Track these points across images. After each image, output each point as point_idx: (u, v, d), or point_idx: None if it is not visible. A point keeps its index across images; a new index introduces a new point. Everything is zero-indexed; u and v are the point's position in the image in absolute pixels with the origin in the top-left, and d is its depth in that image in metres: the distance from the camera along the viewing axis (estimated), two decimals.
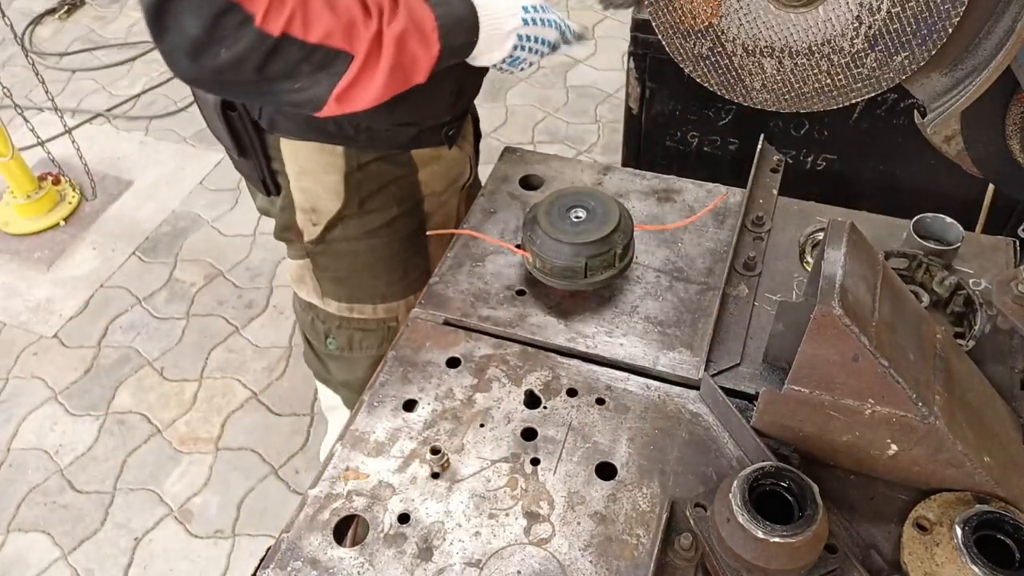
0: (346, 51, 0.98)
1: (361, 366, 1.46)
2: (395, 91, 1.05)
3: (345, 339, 1.44)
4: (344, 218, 1.30)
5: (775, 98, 0.79)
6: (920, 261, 1.13)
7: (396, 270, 1.38)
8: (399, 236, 1.35)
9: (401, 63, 1.02)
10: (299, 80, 0.98)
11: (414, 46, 1.03)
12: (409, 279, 1.40)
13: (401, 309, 1.43)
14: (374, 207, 1.30)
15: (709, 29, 0.76)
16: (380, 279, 1.38)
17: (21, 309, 2.78)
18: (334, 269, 1.37)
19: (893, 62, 0.72)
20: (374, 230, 1.32)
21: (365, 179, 1.28)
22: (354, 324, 1.42)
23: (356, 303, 1.40)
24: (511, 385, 1.05)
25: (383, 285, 1.39)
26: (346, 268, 1.37)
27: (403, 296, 1.41)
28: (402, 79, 1.05)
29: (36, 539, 2.18)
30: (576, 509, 0.91)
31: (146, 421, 2.44)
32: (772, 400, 0.90)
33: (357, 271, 1.37)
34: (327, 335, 1.45)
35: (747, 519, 0.76)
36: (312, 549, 0.88)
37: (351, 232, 1.32)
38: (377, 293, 1.39)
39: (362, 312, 1.41)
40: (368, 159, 1.26)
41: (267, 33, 0.92)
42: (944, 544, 0.83)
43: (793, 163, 2.14)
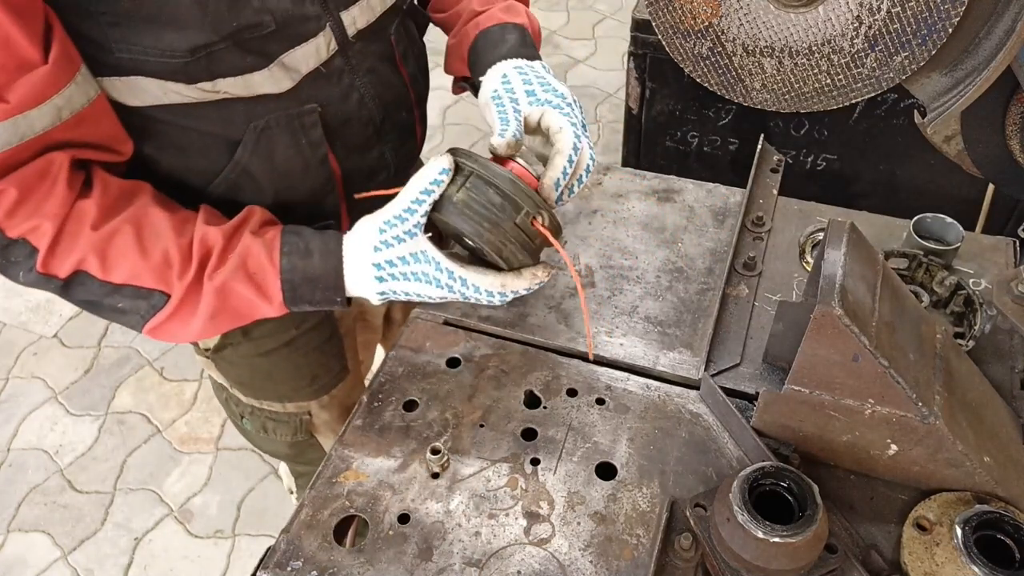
0: (160, 290, 0.89)
1: (279, 445, 1.38)
2: (228, 328, 0.95)
3: (259, 424, 1.34)
4: (230, 345, 1.20)
5: (775, 98, 0.79)
6: (920, 261, 1.13)
7: (302, 378, 1.28)
8: (301, 352, 1.24)
9: (225, 309, 0.91)
10: (116, 303, 0.89)
11: (246, 293, 0.90)
12: (318, 383, 1.30)
13: (312, 407, 1.32)
14: (264, 334, 1.19)
15: (709, 29, 0.76)
16: (285, 385, 1.28)
17: (21, 309, 2.78)
18: (234, 375, 1.27)
19: (893, 62, 0.72)
20: (269, 351, 1.21)
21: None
22: (265, 414, 1.32)
23: (264, 400, 1.30)
24: (511, 385, 1.05)
25: (289, 390, 1.29)
26: (246, 375, 1.26)
27: (313, 398, 1.31)
28: (232, 321, 0.93)
29: (36, 539, 2.18)
30: (576, 509, 0.91)
31: (146, 421, 2.44)
32: (772, 400, 0.90)
33: (257, 379, 1.27)
34: (241, 416, 1.36)
35: (747, 519, 0.76)
36: (312, 549, 0.88)
37: (243, 353, 1.21)
38: (284, 395, 1.29)
39: (271, 406, 1.31)
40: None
41: (51, 274, 0.86)
42: (944, 544, 0.83)
43: (793, 163, 2.14)
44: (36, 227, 0.83)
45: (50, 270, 0.86)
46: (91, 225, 0.86)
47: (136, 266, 0.87)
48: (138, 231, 0.88)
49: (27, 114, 0.79)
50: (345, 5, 0.98)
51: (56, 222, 0.84)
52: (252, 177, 1.00)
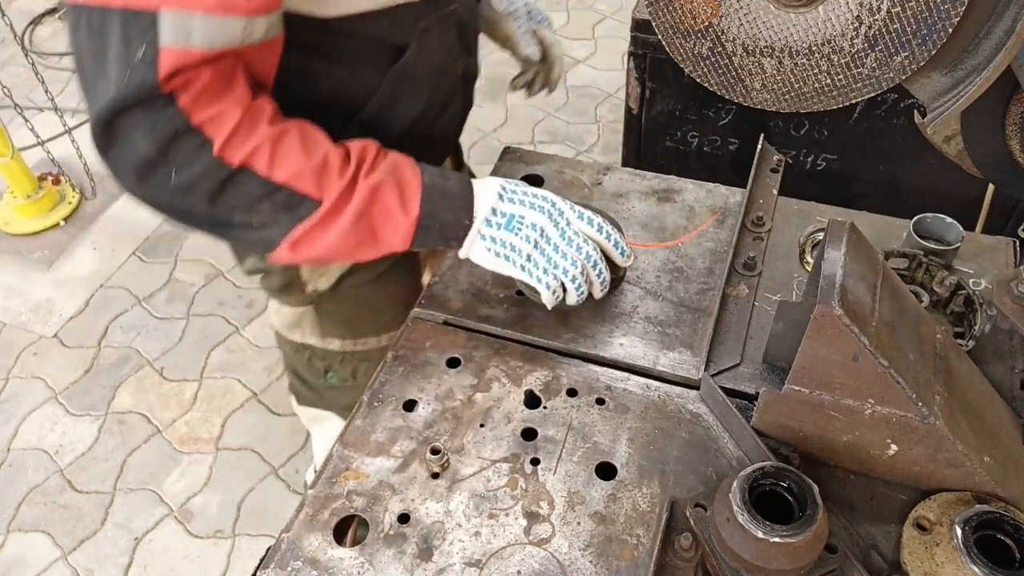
0: (313, 196, 0.92)
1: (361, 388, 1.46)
2: (357, 244, 0.97)
3: (349, 371, 1.45)
4: (356, 269, 1.32)
5: (775, 98, 0.79)
6: (920, 261, 1.13)
7: (400, 304, 1.38)
8: (402, 271, 1.38)
9: (370, 213, 0.95)
10: (256, 216, 0.92)
11: (390, 201, 0.96)
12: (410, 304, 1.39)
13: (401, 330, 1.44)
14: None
15: (709, 29, 0.76)
16: (385, 314, 1.40)
17: (21, 309, 2.78)
18: (339, 312, 1.38)
19: (893, 62, 0.72)
20: (381, 274, 1.35)
21: None
22: (358, 356, 1.43)
23: (361, 338, 1.42)
24: (511, 385, 1.05)
25: (388, 319, 1.40)
26: (352, 311, 1.38)
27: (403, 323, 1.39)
28: (367, 232, 0.97)
29: (36, 539, 2.18)
30: (576, 509, 0.91)
31: (146, 421, 2.44)
32: (772, 400, 0.90)
33: (363, 311, 1.39)
34: (327, 370, 1.45)
35: (747, 519, 0.76)
36: (312, 549, 0.88)
37: (360, 280, 1.34)
38: (382, 326, 1.41)
39: (366, 344, 1.42)
40: None
41: (225, 162, 0.87)
42: (944, 544, 0.83)
43: (793, 163, 2.14)
44: (220, 113, 0.87)
45: (226, 156, 0.88)
46: (267, 120, 0.91)
47: (299, 165, 0.91)
48: (303, 135, 0.93)
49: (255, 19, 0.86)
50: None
51: (240, 109, 0.88)
52: (412, 80, 1.11)
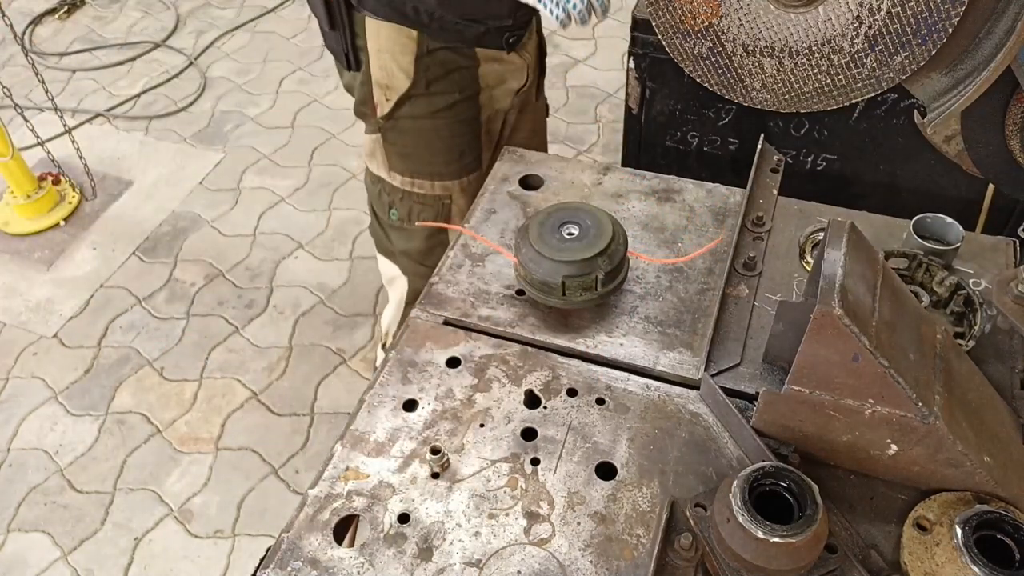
0: None
1: (417, 237, 1.64)
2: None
3: (406, 210, 1.61)
4: (412, 97, 1.45)
5: (775, 98, 0.79)
6: (920, 261, 1.13)
7: (453, 151, 1.54)
8: (457, 120, 1.51)
9: None
10: None
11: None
12: (463, 161, 1.57)
13: (455, 188, 1.59)
14: (438, 90, 1.46)
15: (709, 29, 0.76)
16: (439, 157, 1.54)
17: (21, 309, 2.78)
18: (400, 144, 1.53)
19: (893, 62, 0.72)
20: (437, 111, 1.47)
21: (433, 63, 1.43)
22: (414, 198, 1.59)
23: (417, 178, 1.56)
24: (511, 385, 1.05)
25: (441, 163, 1.55)
26: (411, 144, 1.53)
27: (457, 176, 1.58)
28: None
29: (36, 539, 2.18)
30: (576, 509, 0.91)
31: (146, 421, 2.44)
32: (772, 400, 0.90)
33: (420, 148, 1.53)
34: (391, 206, 1.62)
35: (747, 519, 0.76)
36: (312, 549, 0.88)
37: (417, 111, 1.47)
38: (435, 170, 1.55)
39: (421, 187, 1.57)
40: (437, 46, 1.41)
41: None
42: (944, 544, 0.83)
43: (793, 163, 2.14)
44: None
45: None
46: None
47: None
48: None
49: None
50: None
51: None
52: None
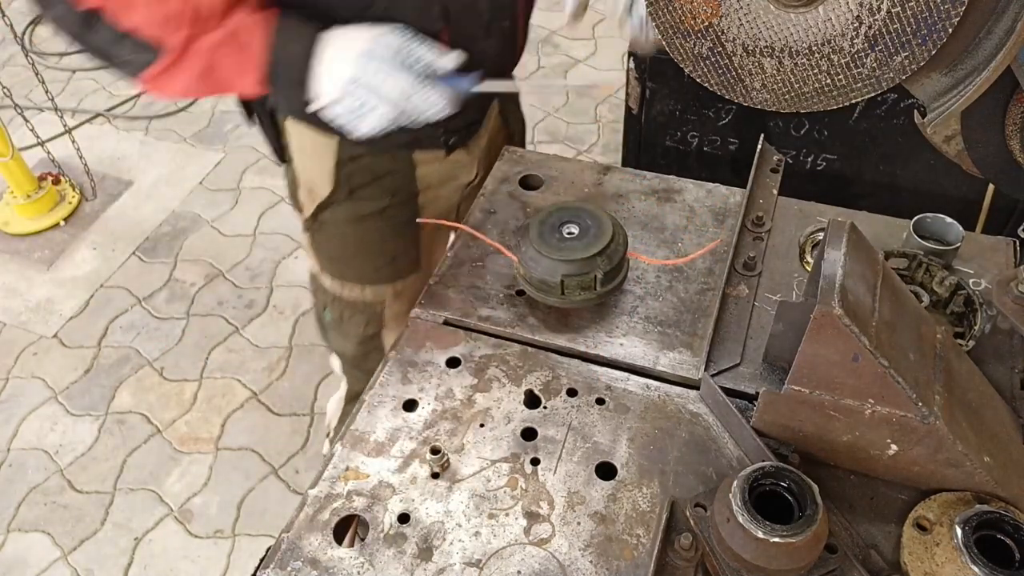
0: (155, 45, 0.99)
1: (351, 341, 1.52)
2: (209, 94, 1.07)
3: (338, 313, 1.49)
4: (333, 203, 1.34)
5: (775, 98, 0.79)
6: (920, 261, 1.13)
7: (384, 255, 1.41)
8: (389, 225, 1.38)
9: (210, 74, 1.02)
10: (117, 54, 1.00)
11: (227, 63, 1.02)
12: (396, 266, 1.43)
13: (388, 294, 1.46)
14: (364, 196, 1.33)
15: (709, 29, 0.76)
16: (368, 263, 1.42)
17: (21, 309, 2.78)
18: (327, 247, 1.42)
19: (893, 62, 0.72)
20: (363, 217, 1.35)
21: (356, 170, 1.31)
22: (344, 302, 1.47)
23: (346, 282, 1.44)
24: (511, 385, 1.05)
25: (371, 269, 1.42)
26: (337, 248, 1.41)
27: (389, 281, 1.44)
28: (213, 87, 1.05)
29: (36, 539, 2.18)
30: (576, 509, 0.91)
31: (146, 421, 2.44)
32: (772, 400, 0.90)
33: (347, 252, 1.41)
34: (325, 306, 1.51)
35: (747, 519, 0.76)
36: (312, 549, 0.88)
37: (340, 216, 1.35)
38: (365, 276, 1.43)
39: (351, 292, 1.45)
40: (361, 152, 1.28)
41: (75, 5, 0.96)
42: (944, 544, 0.83)
43: (793, 163, 2.14)
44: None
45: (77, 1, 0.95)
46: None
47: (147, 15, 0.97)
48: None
49: None
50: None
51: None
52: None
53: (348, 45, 1.03)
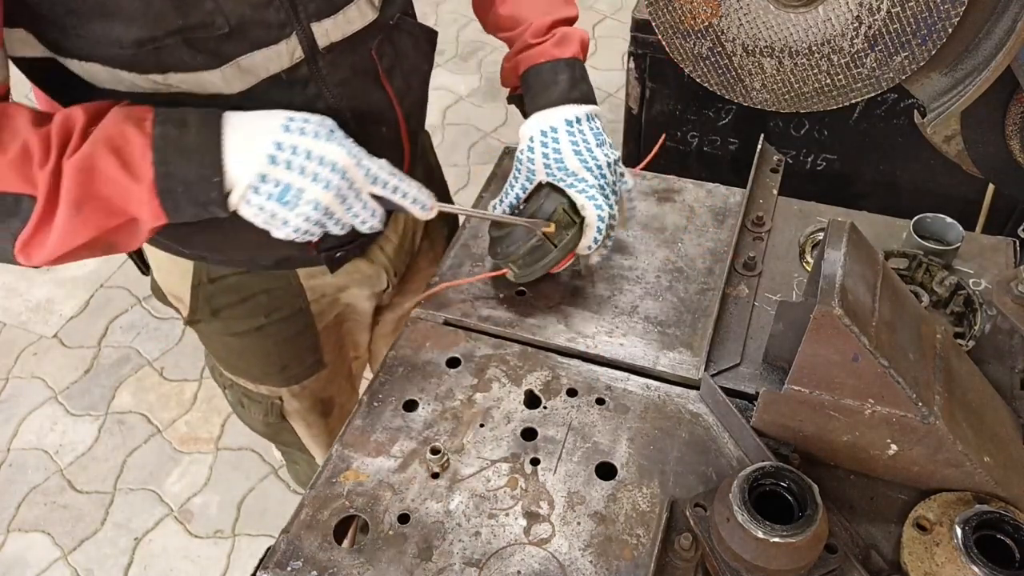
0: (25, 193, 0.79)
1: (255, 422, 1.40)
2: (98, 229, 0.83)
3: (236, 397, 1.37)
4: (200, 320, 1.21)
5: (775, 98, 0.79)
6: (920, 261, 1.13)
7: (273, 364, 1.26)
8: (272, 340, 1.22)
9: (91, 196, 0.81)
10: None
11: (110, 171, 0.80)
12: (289, 373, 1.29)
13: (284, 393, 1.32)
14: (232, 316, 1.19)
15: (709, 29, 0.76)
16: (256, 368, 1.28)
17: (21, 309, 2.78)
18: (211, 348, 1.29)
19: (893, 62, 0.72)
20: (238, 333, 1.21)
21: (218, 292, 1.16)
22: (240, 389, 1.34)
23: (236, 376, 1.32)
24: (511, 385, 1.05)
25: (260, 373, 1.29)
26: (221, 351, 1.28)
27: (284, 385, 1.31)
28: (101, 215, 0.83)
29: (36, 539, 2.18)
30: (576, 509, 0.91)
31: (146, 421, 2.44)
32: (772, 400, 0.90)
33: (231, 356, 1.28)
34: (224, 387, 1.38)
35: (747, 519, 0.76)
36: (312, 549, 0.88)
37: (214, 329, 1.22)
38: (255, 376, 1.30)
39: (246, 384, 1.32)
40: (224, 273, 1.14)
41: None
42: (944, 544, 0.83)
43: (793, 163, 2.14)
44: None
45: None
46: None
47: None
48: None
49: None
50: (318, 17, 0.92)
51: None
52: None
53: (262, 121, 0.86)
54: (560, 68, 1.13)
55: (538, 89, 1.14)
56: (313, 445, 1.44)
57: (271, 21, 0.89)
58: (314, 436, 1.42)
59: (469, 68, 3.70)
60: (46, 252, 0.83)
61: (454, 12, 4.02)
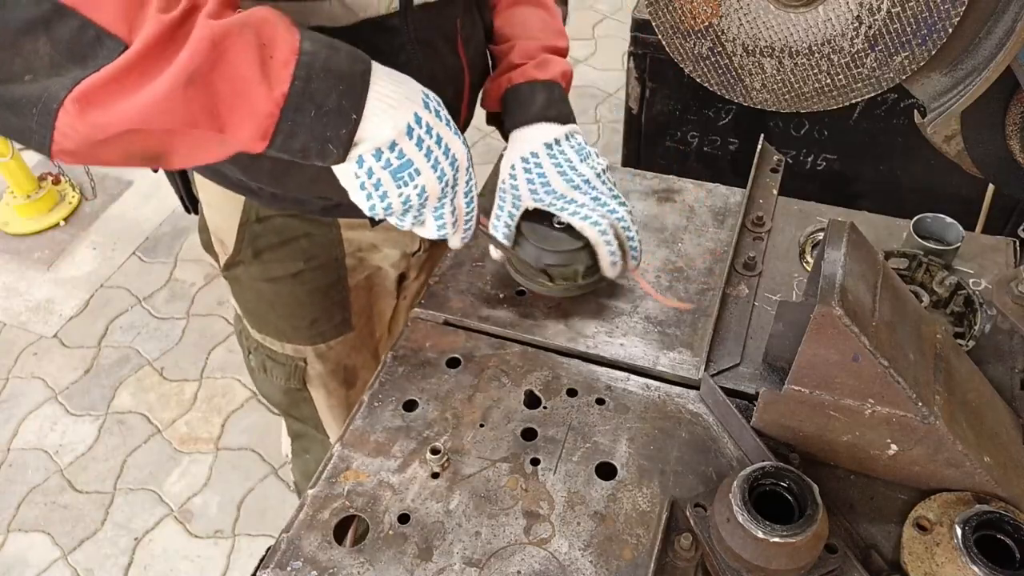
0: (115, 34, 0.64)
1: (275, 389, 1.41)
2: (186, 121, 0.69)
3: (260, 362, 1.37)
4: (240, 263, 1.21)
5: (775, 98, 0.79)
6: (920, 261, 1.13)
7: (303, 317, 1.27)
8: (304, 289, 1.23)
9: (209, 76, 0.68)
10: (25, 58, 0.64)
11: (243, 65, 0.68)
12: (317, 329, 1.29)
13: (309, 353, 1.33)
14: (272, 259, 1.20)
15: (709, 29, 0.76)
16: (285, 321, 1.28)
17: (21, 309, 2.78)
18: (243, 299, 1.30)
19: (893, 62, 0.72)
20: (275, 279, 1.22)
21: (264, 231, 1.17)
22: (265, 351, 1.35)
23: (265, 335, 1.32)
24: (511, 385, 1.05)
25: (289, 328, 1.29)
26: (252, 302, 1.29)
27: (310, 343, 1.31)
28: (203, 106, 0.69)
29: (36, 539, 2.18)
30: (576, 509, 0.91)
31: (146, 421, 2.44)
32: (772, 400, 0.90)
33: (261, 307, 1.29)
34: (249, 351, 1.40)
35: (747, 519, 0.76)
36: (312, 549, 0.88)
37: (251, 274, 1.23)
38: (283, 333, 1.30)
39: (272, 344, 1.33)
40: (271, 213, 1.15)
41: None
42: (944, 544, 0.83)
43: (793, 163, 2.14)
44: None
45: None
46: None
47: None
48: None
49: None
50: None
51: None
52: None
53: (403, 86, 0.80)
54: (538, 88, 1.13)
55: (515, 107, 1.14)
56: (330, 419, 1.45)
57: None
58: (332, 408, 1.43)
59: None
60: (106, 116, 0.66)
61: None
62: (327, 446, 1.51)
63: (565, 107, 1.13)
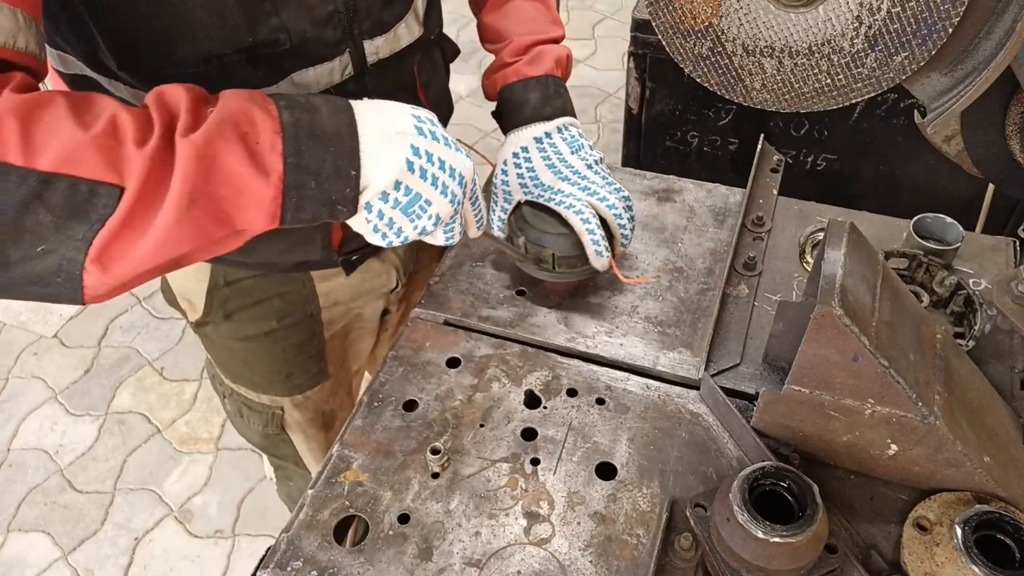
0: (105, 181, 0.63)
1: (253, 432, 1.38)
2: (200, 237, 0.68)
3: (235, 407, 1.34)
4: (210, 323, 1.18)
5: (775, 98, 0.79)
6: (920, 261, 1.13)
7: (277, 372, 1.24)
8: (279, 346, 1.20)
9: (207, 189, 0.67)
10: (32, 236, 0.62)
11: (234, 165, 0.67)
12: (293, 382, 1.27)
13: (286, 403, 1.30)
14: (245, 318, 1.17)
15: (709, 29, 0.76)
16: (260, 376, 1.25)
17: (21, 309, 2.78)
18: (215, 353, 1.27)
19: (893, 62, 0.72)
20: (248, 337, 1.19)
21: (233, 295, 1.14)
22: (240, 398, 1.31)
23: (239, 384, 1.29)
24: (511, 385, 1.05)
25: (263, 382, 1.26)
26: (224, 357, 1.26)
27: (287, 395, 1.28)
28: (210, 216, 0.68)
29: (36, 539, 2.18)
30: (576, 509, 0.91)
31: (146, 421, 2.44)
32: (772, 400, 0.90)
33: (234, 362, 1.26)
34: (223, 396, 1.36)
35: (747, 519, 0.76)
36: (312, 549, 0.88)
37: (221, 333, 1.20)
38: (258, 385, 1.27)
39: (247, 393, 1.30)
40: (240, 276, 1.13)
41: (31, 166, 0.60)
42: (944, 544, 0.83)
43: (793, 163, 2.15)
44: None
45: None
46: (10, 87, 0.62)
47: (72, 140, 0.61)
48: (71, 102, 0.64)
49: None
50: (371, 35, 0.96)
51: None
52: None
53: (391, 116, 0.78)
54: (531, 87, 1.12)
55: (510, 109, 1.14)
56: (310, 459, 1.43)
57: (328, 39, 0.91)
58: (312, 450, 1.41)
59: (469, 68, 3.69)
60: (129, 265, 0.67)
61: (454, 12, 4.02)
62: (308, 478, 1.50)
63: (559, 100, 1.13)
